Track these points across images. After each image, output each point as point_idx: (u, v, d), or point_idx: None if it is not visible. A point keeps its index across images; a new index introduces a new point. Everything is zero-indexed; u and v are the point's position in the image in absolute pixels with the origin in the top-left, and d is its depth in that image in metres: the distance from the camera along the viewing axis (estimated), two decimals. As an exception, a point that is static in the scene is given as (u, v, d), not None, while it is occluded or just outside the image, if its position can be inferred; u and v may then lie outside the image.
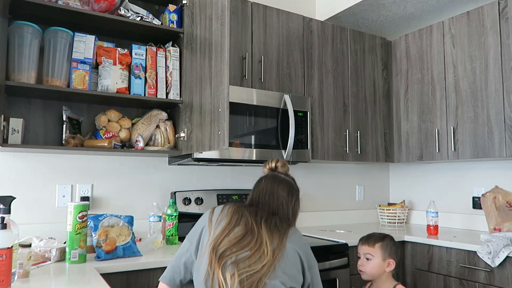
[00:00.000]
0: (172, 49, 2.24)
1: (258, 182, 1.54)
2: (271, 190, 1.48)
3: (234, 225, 1.34)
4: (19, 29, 1.86)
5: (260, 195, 1.48)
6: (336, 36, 2.80)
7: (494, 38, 2.43)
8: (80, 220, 1.76)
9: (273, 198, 1.47)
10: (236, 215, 1.38)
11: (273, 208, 1.45)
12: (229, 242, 1.29)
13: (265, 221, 1.36)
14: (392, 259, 1.91)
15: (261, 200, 1.47)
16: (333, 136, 2.73)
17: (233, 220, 1.36)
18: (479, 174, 2.82)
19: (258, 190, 1.50)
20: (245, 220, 1.36)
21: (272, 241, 1.30)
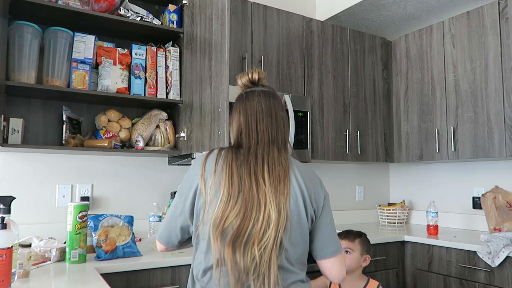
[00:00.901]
0: (172, 49, 2.24)
1: (243, 103, 1.25)
2: (267, 110, 1.22)
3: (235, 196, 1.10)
4: (19, 29, 1.86)
5: (255, 120, 1.21)
6: (336, 36, 2.80)
7: (494, 38, 2.43)
8: (80, 220, 1.76)
9: (270, 120, 1.22)
10: (234, 180, 1.12)
11: (272, 135, 1.20)
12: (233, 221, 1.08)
13: (268, 173, 1.13)
14: (368, 255, 1.95)
15: (258, 126, 1.20)
16: (333, 136, 2.73)
17: (232, 190, 1.11)
18: (479, 174, 2.82)
19: (250, 112, 1.22)
20: (245, 184, 1.11)
21: (276, 200, 1.10)
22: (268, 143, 1.19)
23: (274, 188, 1.12)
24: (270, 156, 1.16)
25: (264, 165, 1.14)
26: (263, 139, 1.19)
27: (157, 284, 1.77)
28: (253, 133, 1.20)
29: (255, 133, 1.20)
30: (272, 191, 1.11)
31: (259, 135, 1.20)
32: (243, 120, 1.22)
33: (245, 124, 1.22)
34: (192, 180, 1.19)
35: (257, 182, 1.12)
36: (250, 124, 1.21)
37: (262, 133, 1.20)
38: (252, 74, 1.28)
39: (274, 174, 1.13)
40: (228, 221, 1.08)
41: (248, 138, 1.20)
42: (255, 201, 1.10)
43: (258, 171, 1.13)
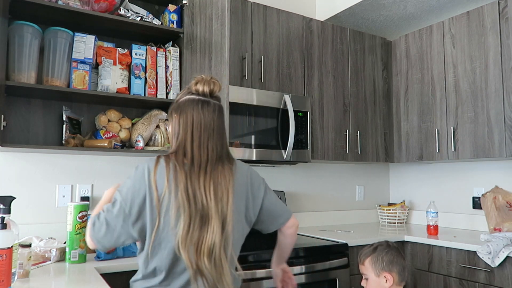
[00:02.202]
0: (172, 49, 2.24)
1: (198, 112, 1.27)
2: (218, 130, 1.29)
3: (191, 212, 1.19)
4: (19, 29, 1.86)
5: (193, 129, 1.26)
6: (336, 36, 2.80)
7: (494, 38, 2.43)
8: (80, 220, 1.76)
9: (221, 141, 1.29)
10: (190, 196, 1.20)
11: (219, 154, 1.28)
12: (193, 234, 1.18)
13: (213, 189, 1.22)
14: (387, 272, 1.65)
15: (199, 136, 1.26)
16: (333, 136, 2.73)
17: (189, 207, 1.19)
18: (479, 174, 2.82)
19: (188, 121, 1.27)
20: (197, 199, 1.20)
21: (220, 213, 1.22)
22: (216, 160, 1.27)
23: (217, 202, 1.22)
24: (217, 172, 1.26)
25: (211, 182, 1.23)
26: (213, 156, 1.27)
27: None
28: (205, 149, 1.26)
29: (206, 149, 1.26)
30: (215, 204, 1.22)
31: (209, 153, 1.26)
32: (196, 134, 1.26)
33: (198, 139, 1.26)
34: (139, 189, 1.21)
35: (206, 198, 1.21)
36: (203, 140, 1.27)
37: (212, 151, 1.27)
38: (214, 86, 1.31)
39: (219, 189, 1.24)
40: (193, 236, 1.18)
41: (199, 154, 1.25)
42: (205, 215, 1.20)
43: (207, 187, 1.23)
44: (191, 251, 1.18)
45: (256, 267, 1.93)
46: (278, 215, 1.41)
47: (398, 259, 1.68)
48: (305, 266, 2.05)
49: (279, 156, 2.39)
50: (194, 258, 1.18)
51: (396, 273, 1.65)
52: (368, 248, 1.72)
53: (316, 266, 2.09)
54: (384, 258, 1.65)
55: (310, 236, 2.52)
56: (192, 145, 1.26)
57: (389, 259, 1.65)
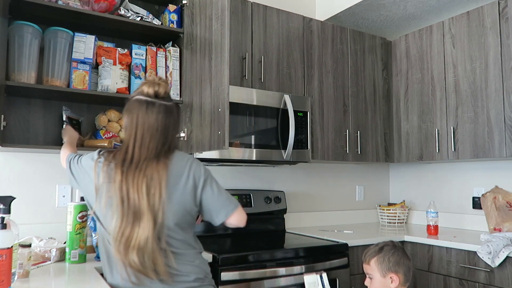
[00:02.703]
0: (172, 49, 2.24)
1: (143, 113, 1.37)
2: (163, 130, 1.37)
3: (124, 209, 1.30)
4: (19, 29, 1.86)
5: (135, 131, 1.35)
6: (336, 36, 2.80)
7: (494, 38, 2.43)
8: (80, 220, 1.76)
9: (163, 141, 1.38)
10: (123, 193, 1.31)
11: (158, 152, 1.36)
12: (125, 230, 1.29)
13: (146, 186, 1.31)
14: (393, 273, 1.63)
15: (150, 146, 1.35)
16: (333, 136, 2.73)
17: (122, 203, 1.30)
18: (479, 174, 2.82)
19: (131, 123, 1.36)
20: (131, 196, 1.30)
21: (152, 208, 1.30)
22: (153, 157, 1.35)
23: (149, 198, 1.30)
24: (151, 168, 1.33)
25: (144, 179, 1.31)
26: (151, 155, 1.35)
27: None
28: (144, 148, 1.35)
29: (146, 149, 1.35)
30: (147, 201, 1.30)
31: (149, 151, 1.35)
32: (139, 134, 1.36)
33: (140, 139, 1.36)
34: (83, 179, 1.43)
35: (139, 196, 1.30)
36: (144, 140, 1.36)
37: (152, 150, 1.36)
38: (159, 87, 1.39)
39: (152, 185, 1.31)
40: (124, 232, 1.28)
41: (139, 152, 1.35)
42: (137, 213, 1.29)
43: (140, 185, 1.31)
44: (121, 247, 1.28)
45: (256, 267, 1.93)
46: (217, 211, 1.43)
47: (404, 260, 1.67)
48: (305, 266, 2.05)
49: (279, 156, 2.39)
50: (123, 253, 1.27)
51: (402, 274, 1.64)
52: (374, 248, 1.71)
53: (316, 266, 2.09)
54: (391, 258, 1.64)
55: (310, 236, 2.52)
56: (134, 145, 1.35)
57: (396, 260, 1.65)
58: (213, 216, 1.44)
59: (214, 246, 2.14)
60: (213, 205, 1.42)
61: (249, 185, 2.75)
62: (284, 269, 1.99)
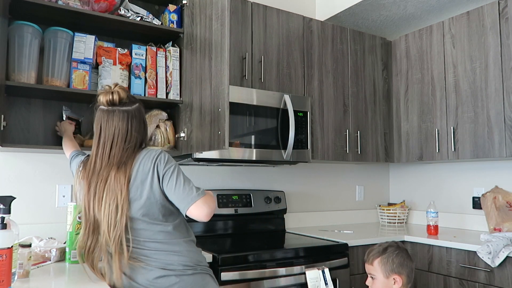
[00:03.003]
0: (172, 49, 2.24)
1: (104, 122, 1.45)
2: (123, 135, 1.44)
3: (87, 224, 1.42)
4: (19, 29, 1.86)
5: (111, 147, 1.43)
6: (336, 36, 2.80)
7: (494, 38, 2.43)
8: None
9: (124, 146, 1.44)
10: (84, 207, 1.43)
11: (120, 159, 1.43)
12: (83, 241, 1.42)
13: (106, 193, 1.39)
14: (396, 274, 1.63)
15: (111, 153, 1.43)
16: (333, 136, 2.73)
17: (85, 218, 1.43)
18: (479, 174, 2.82)
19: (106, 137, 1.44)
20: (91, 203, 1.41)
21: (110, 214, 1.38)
22: (115, 165, 1.41)
23: (109, 205, 1.37)
24: (111, 176, 1.40)
25: (104, 188, 1.39)
26: (112, 162, 1.42)
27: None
28: (105, 156, 1.42)
29: (107, 157, 1.42)
30: (107, 208, 1.37)
31: (110, 159, 1.42)
32: (101, 143, 1.44)
33: (102, 148, 1.43)
34: None
35: (98, 206, 1.39)
36: (105, 148, 1.43)
37: (113, 157, 1.42)
38: (113, 95, 1.45)
39: (110, 194, 1.38)
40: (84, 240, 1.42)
41: (101, 160, 1.43)
42: (96, 224, 1.41)
43: (99, 195, 1.39)
44: (83, 252, 1.41)
45: (256, 267, 1.93)
46: (178, 203, 1.45)
47: (408, 262, 1.67)
48: (305, 266, 2.05)
49: (279, 156, 2.39)
50: (85, 256, 1.41)
51: (405, 276, 1.64)
52: (378, 248, 1.71)
53: (316, 266, 2.09)
54: (395, 260, 1.65)
55: (310, 236, 2.52)
56: (96, 154, 1.44)
57: (400, 261, 1.65)
58: (179, 208, 1.47)
59: (214, 246, 2.14)
60: (174, 197, 1.45)
61: (249, 185, 2.75)
62: (284, 269, 1.99)
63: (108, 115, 1.44)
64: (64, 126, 2.03)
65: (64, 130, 2.01)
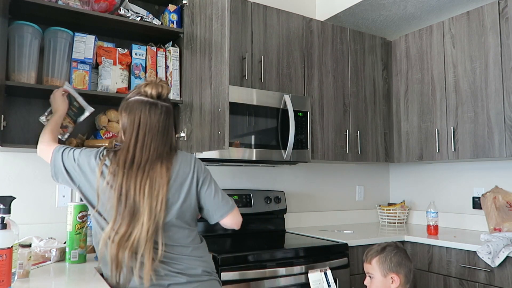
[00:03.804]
0: (172, 49, 2.24)
1: (145, 114, 1.38)
2: (163, 131, 1.40)
3: (121, 208, 1.32)
4: (19, 29, 1.86)
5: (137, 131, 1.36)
6: (336, 36, 2.80)
7: (494, 38, 2.43)
8: (80, 220, 1.76)
9: (164, 141, 1.40)
10: (123, 193, 1.33)
11: (160, 153, 1.38)
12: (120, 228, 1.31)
13: (149, 186, 1.33)
14: (394, 273, 1.64)
15: (152, 146, 1.37)
16: (333, 136, 2.73)
17: (120, 203, 1.33)
18: (479, 174, 2.82)
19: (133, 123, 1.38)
20: (130, 196, 1.32)
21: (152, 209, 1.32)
22: (155, 159, 1.37)
23: (151, 199, 1.32)
24: (154, 171, 1.35)
25: (147, 180, 1.34)
26: (153, 156, 1.37)
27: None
28: (146, 149, 1.36)
29: (148, 150, 1.36)
30: (149, 201, 1.32)
31: (150, 152, 1.37)
32: (141, 135, 1.37)
33: (141, 140, 1.37)
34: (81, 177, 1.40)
35: (140, 195, 1.32)
36: (146, 141, 1.37)
37: (153, 151, 1.37)
38: (162, 89, 1.42)
39: (155, 187, 1.34)
40: (118, 230, 1.30)
41: (141, 152, 1.36)
42: (135, 212, 1.31)
43: (142, 186, 1.33)
44: (114, 245, 1.29)
45: (256, 267, 1.93)
46: (214, 210, 1.47)
47: (406, 261, 1.69)
48: (305, 266, 2.05)
49: (279, 156, 2.39)
50: (115, 251, 1.29)
51: (403, 275, 1.65)
52: (376, 248, 1.72)
53: (316, 266, 2.09)
54: (393, 259, 1.66)
55: (310, 236, 2.52)
56: (135, 146, 1.36)
57: (398, 260, 1.66)
58: (209, 215, 1.48)
59: (214, 246, 2.14)
60: (210, 204, 1.46)
61: (249, 185, 2.75)
62: (284, 269, 1.99)
63: (150, 107, 1.39)
64: (57, 102, 1.78)
65: (55, 109, 1.77)
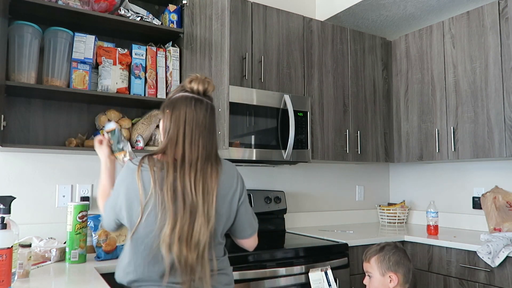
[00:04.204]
0: (172, 49, 2.24)
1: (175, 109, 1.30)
2: (211, 128, 1.32)
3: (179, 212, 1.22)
4: (19, 29, 1.86)
5: (183, 127, 1.28)
6: (336, 36, 2.80)
7: (494, 38, 2.43)
8: (80, 220, 1.76)
9: (211, 140, 1.32)
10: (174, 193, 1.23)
11: (201, 143, 1.28)
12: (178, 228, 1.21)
13: (202, 187, 1.25)
14: (392, 272, 1.65)
15: (185, 133, 1.27)
16: (333, 136, 2.73)
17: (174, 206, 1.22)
18: (479, 174, 2.82)
19: (179, 119, 1.29)
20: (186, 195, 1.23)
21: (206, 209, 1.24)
22: (205, 158, 1.28)
23: (204, 200, 1.24)
24: (206, 172, 1.27)
25: (201, 179, 1.25)
26: (203, 154, 1.28)
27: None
28: (196, 146, 1.27)
29: (197, 147, 1.27)
30: (202, 202, 1.24)
31: (199, 150, 1.28)
32: (188, 130, 1.28)
33: (190, 135, 1.27)
34: (127, 187, 1.28)
35: (196, 194, 1.23)
36: (194, 137, 1.28)
37: (202, 149, 1.28)
38: (209, 85, 1.34)
39: (208, 188, 1.26)
40: (182, 231, 1.20)
41: (190, 150, 1.27)
42: (193, 211, 1.22)
43: (197, 184, 1.24)
44: (176, 247, 1.19)
45: (256, 267, 1.93)
46: (241, 229, 1.41)
47: (405, 261, 1.69)
48: (305, 266, 2.05)
49: (279, 156, 2.39)
50: (177, 252, 1.19)
51: (402, 275, 1.66)
52: (376, 247, 1.73)
53: (316, 266, 2.09)
54: (391, 258, 1.67)
55: (310, 236, 2.52)
56: (183, 142, 1.27)
57: (396, 259, 1.67)
58: (237, 231, 1.41)
59: (214, 246, 2.14)
60: (241, 221, 1.39)
61: (249, 185, 2.75)
62: (284, 269, 1.99)
63: (196, 103, 1.30)
64: (99, 150, 1.61)
65: (101, 156, 1.61)
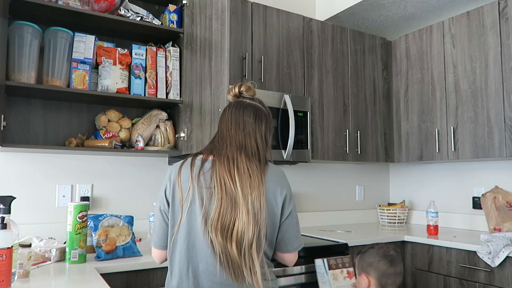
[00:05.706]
0: (172, 49, 2.24)
1: (222, 113, 1.39)
2: (236, 119, 1.34)
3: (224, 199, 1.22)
4: (19, 29, 1.86)
5: (226, 128, 1.34)
6: (336, 36, 2.80)
7: (494, 38, 2.43)
8: (80, 220, 1.76)
9: (239, 128, 1.32)
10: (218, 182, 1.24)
11: (240, 141, 1.31)
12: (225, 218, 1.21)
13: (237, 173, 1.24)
14: (364, 274, 1.63)
15: (228, 134, 1.32)
16: (333, 136, 2.73)
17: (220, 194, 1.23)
18: (479, 174, 2.82)
19: (223, 121, 1.36)
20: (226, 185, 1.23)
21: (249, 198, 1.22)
22: (254, 159, 1.30)
23: (244, 192, 1.23)
24: (252, 171, 1.26)
25: (250, 180, 1.25)
26: (249, 154, 1.30)
27: (157, 284, 1.77)
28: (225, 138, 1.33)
29: (243, 145, 1.31)
30: (242, 192, 1.23)
31: (246, 149, 1.30)
32: (233, 129, 1.33)
33: (234, 135, 1.32)
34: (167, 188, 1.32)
35: (235, 184, 1.24)
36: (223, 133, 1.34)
37: (249, 148, 1.31)
38: (235, 88, 1.41)
39: (249, 183, 1.25)
40: (224, 219, 1.20)
41: (235, 144, 1.31)
42: (233, 200, 1.22)
43: (236, 177, 1.24)
44: (220, 236, 1.19)
45: (256, 267, 1.93)
46: (286, 242, 1.35)
47: (380, 264, 1.63)
48: (305, 266, 2.05)
49: (279, 156, 2.39)
50: (222, 242, 1.19)
51: (374, 278, 1.61)
52: (367, 247, 1.75)
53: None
54: (366, 259, 1.65)
55: (310, 236, 2.52)
56: (230, 141, 1.32)
57: (370, 261, 1.64)
58: (281, 245, 1.35)
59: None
60: (288, 234, 1.34)
61: (249, 185, 2.74)
62: (284, 269, 1.99)
63: (241, 105, 1.37)
64: None
65: None
